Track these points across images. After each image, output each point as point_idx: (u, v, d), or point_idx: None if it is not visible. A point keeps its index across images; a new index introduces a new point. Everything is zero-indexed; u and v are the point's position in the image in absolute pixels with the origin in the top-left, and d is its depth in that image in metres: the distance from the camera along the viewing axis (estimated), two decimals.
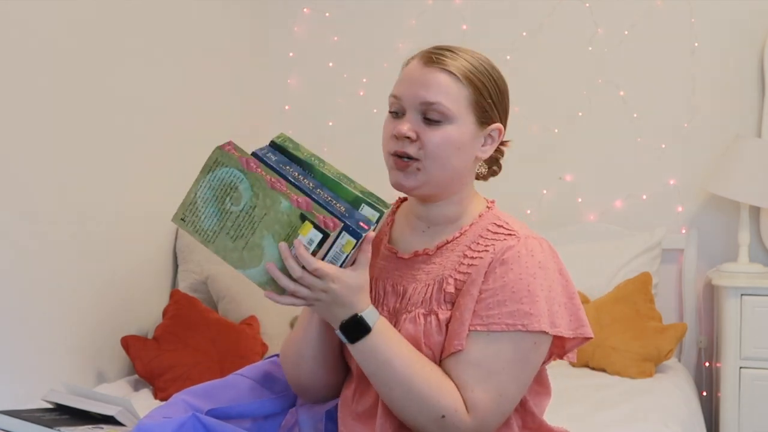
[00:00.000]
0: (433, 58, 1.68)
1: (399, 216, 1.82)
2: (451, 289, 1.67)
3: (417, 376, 1.59)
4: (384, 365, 1.59)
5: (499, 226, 1.70)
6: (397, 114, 1.69)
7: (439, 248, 1.72)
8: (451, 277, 1.67)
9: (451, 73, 1.66)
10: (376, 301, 1.73)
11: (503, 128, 1.73)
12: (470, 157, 1.70)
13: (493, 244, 1.66)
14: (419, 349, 1.64)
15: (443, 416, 1.59)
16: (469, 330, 1.61)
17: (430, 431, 1.61)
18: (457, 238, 1.71)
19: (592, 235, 3.68)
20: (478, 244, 1.68)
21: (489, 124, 1.70)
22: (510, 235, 1.67)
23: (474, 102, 1.67)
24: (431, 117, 1.65)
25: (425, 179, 1.67)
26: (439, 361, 1.66)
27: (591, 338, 1.67)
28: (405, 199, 1.84)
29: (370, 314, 1.60)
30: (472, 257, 1.67)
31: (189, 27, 3.53)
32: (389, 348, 1.59)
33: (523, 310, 1.60)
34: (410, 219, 1.79)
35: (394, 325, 1.68)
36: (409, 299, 1.70)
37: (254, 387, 1.86)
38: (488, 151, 1.72)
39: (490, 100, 1.69)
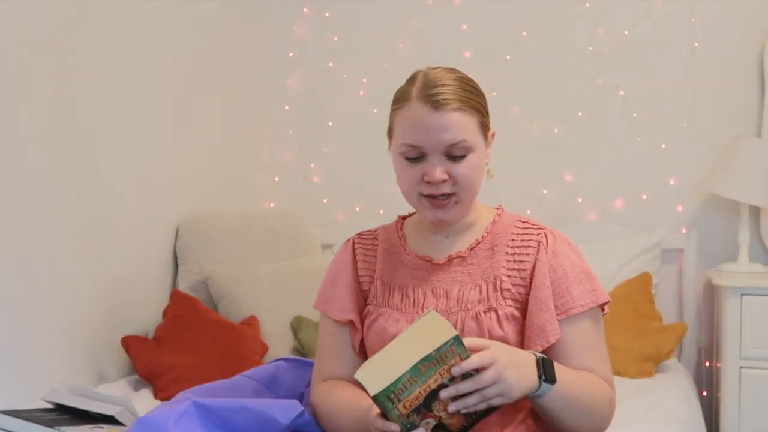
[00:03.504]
0: (438, 100, 1.72)
1: (407, 231, 1.89)
2: (507, 285, 1.77)
3: (585, 380, 1.72)
4: (573, 386, 1.69)
5: (523, 222, 1.83)
6: (415, 159, 1.76)
7: (472, 249, 1.81)
8: (504, 275, 1.78)
9: (459, 108, 1.73)
10: (416, 305, 1.80)
11: (494, 129, 1.84)
12: (485, 170, 1.82)
13: (530, 237, 1.80)
14: None
15: (610, 399, 1.76)
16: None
17: (605, 421, 1.77)
18: (485, 237, 1.82)
19: (592, 235, 3.67)
20: (513, 241, 1.80)
21: (487, 132, 1.81)
22: (540, 229, 1.81)
23: (479, 123, 1.77)
24: (456, 154, 1.74)
25: (462, 208, 1.79)
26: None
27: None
28: (406, 216, 1.92)
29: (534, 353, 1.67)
30: (517, 254, 1.79)
31: (188, 27, 3.53)
32: (562, 368, 1.70)
33: (587, 289, 1.76)
34: (423, 232, 1.87)
35: None
36: (458, 300, 1.78)
37: (259, 389, 1.87)
38: (490, 154, 1.83)
39: (485, 112, 1.80)
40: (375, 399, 1.56)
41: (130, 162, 3.15)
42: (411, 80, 1.79)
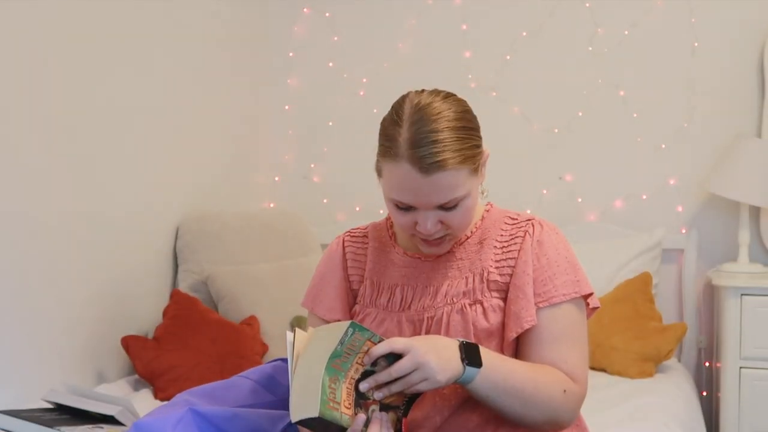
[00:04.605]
0: (427, 165, 1.63)
1: (398, 229, 1.88)
2: (495, 277, 1.76)
3: (531, 368, 1.68)
4: (509, 373, 1.65)
5: (513, 219, 1.82)
6: (406, 208, 1.71)
7: (461, 244, 1.80)
8: (492, 267, 1.77)
9: (451, 167, 1.65)
10: (404, 303, 1.79)
11: (487, 150, 1.77)
12: (479, 195, 1.77)
13: (519, 230, 1.78)
14: (469, 336, 1.72)
15: (564, 390, 1.70)
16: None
17: (560, 413, 1.71)
18: (474, 232, 1.81)
19: (592, 235, 3.68)
20: (502, 235, 1.79)
21: (479, 160, 1.73)
22: (528, 220, 1.80)
23: (472, 169, 1.70)
24: (449, 206, 1.69)
25: (456, 240, 1.78)
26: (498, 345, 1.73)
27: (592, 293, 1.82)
28: None
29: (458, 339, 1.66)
30: (505, 246, 1.78)
31: (189, 28, 3.52)
32: (499, 356, 1.67)
33: (571, 279, 1.76)
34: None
35: (430, 319, 1.76)
36: (446, 294, 1.77)
37: (256, 389, 1.87)
38: (485, 173, 1.78)
39: (477, 148, 1.71)
40: (322, 419, 1.52)
41: (130, 162, 3.15)
42: (398, 118, 1.67)
